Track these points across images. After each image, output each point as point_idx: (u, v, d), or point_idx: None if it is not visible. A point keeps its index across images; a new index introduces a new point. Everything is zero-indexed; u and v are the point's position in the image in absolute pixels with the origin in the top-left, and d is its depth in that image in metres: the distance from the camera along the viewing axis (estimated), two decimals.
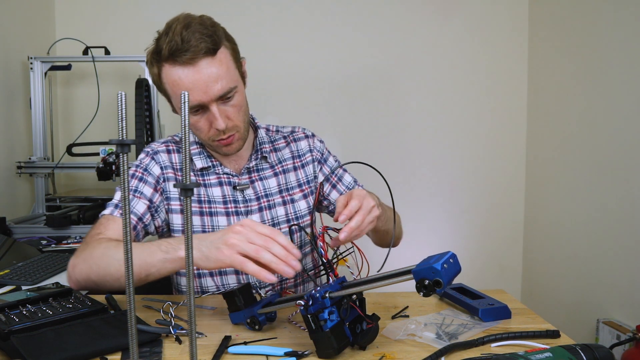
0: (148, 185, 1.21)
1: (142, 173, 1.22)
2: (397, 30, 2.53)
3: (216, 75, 1.08)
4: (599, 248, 2.00)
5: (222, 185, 1.24)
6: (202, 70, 1.07)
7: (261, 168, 1.28)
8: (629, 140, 1.84)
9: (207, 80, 1.07)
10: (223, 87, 1.09)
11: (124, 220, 0.56)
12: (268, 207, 1.25)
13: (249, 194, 1.25)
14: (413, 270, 0.75)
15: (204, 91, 1.07)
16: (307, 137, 1.36)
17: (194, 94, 1.07)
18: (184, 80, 1.07)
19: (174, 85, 1.09)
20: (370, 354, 0.85)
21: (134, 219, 1.17)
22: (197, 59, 1.06)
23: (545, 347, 0.78)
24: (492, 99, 2.58)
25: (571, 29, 2.21)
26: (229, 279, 1.23)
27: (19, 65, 2.14)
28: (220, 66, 1.09)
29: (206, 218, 1.21)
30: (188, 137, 0.56)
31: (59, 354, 0.79)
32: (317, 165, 1.34)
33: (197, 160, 1.24)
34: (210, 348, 0.87)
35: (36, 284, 1.25)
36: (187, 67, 1.07)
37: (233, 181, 1.24)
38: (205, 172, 1.24)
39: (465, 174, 2.61)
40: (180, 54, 1.05)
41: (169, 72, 1.09)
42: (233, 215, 1.22)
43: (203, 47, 1.06)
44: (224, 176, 1.24)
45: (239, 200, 1.24)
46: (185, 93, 0.57)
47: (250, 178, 1.26)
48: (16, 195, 2.10)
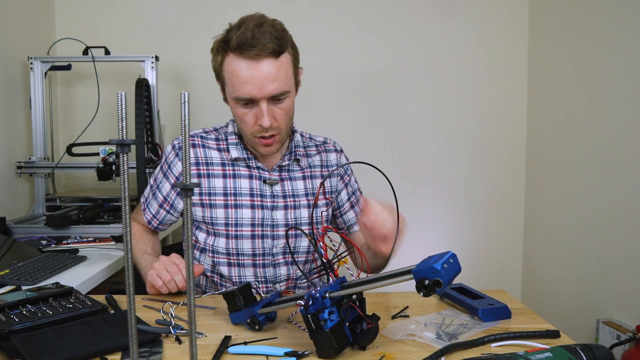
0: (168, 182, 1.30)
1: (166, 168, 1.31)
2: (396, 30, 2.53)
3: (274, 75, 1.12)
4: (599, 248, 2.00)
5: (252, 179, 1.27)
6: (262, 67, 1.11)
7: (292, 169, 1.31)
8: (629, 140, 1.84)
9: (265, 78, 1.11)
10: (278, 88, 1.13)
11: (124, 220, 0.56)
12: (293, 207, 1.29)
13: (277, 190, 1.28)
14: (413, 270, 0.75)
15: (259, 87, 1.12)
16: (336, 151, 1.40)
17: (249, 87, 1.12)
18: (243, 73, 1.12)
19: (233, 75, 1.13)
20: (370, 354, 0.85)
21: (149, 216, 1.34)
22: (262, 56, 1.11)
23: (545, 347, 0.78)
24: (492, 99, 2.58)
25: (571, 29, 2.21)
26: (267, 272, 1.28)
27: (19, 65, 2.14)
28: (280, 69, 1.13)
29: (230, 210, 1.25)
30: (188, 137, 0.56)
31: (59, 354, 0.79)
32: (339, 181, 1.39)
33: (234, 150, 1.27)
34: (210, 348, 0.87)
35: (36, 284, 1.25)
36: (250, 61, 1.11)
37: (264, 175, 1.28)
38: (237, 162, 1.28)
39: (465, 174, 2.61)
40: (248, 48, 1.10)
41: (231, 62, 1.13)
42: (258, 209, 1.26)
43: (270, 47, 1.10)
44: (255, 170, 1.28)
45: (267, 194, 1.27)
46: (185, 93, 0.58)
47: (281, 176, 1.29)
48: (16, 195, 2.10)
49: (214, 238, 1.27)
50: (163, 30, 2.41)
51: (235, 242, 1.25)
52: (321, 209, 1.33)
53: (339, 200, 1.39)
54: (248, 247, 1.26)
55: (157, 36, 2.41)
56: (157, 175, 1.33)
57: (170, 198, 1.31)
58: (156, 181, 1.33)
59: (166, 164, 1.31)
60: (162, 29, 2.41)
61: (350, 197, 1.40)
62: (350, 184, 1.41)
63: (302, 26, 2.50)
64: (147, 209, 1.34)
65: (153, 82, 2.07)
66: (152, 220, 1.34)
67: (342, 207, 1.40)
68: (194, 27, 2.42)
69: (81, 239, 1.74)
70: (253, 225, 1.25)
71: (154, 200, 1.33)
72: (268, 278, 1.28)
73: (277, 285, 1.29)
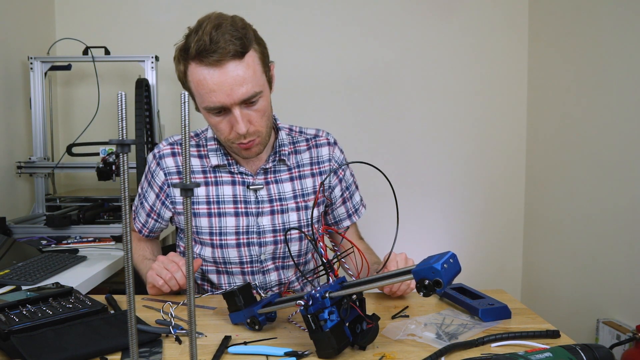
0: (152, 192, 1.27)
1: (150, 177, 1.27)
2: (396, 30, 2.53)
3: (242, 78, 1.06)
4: (598, 248, 2.00)
5: (235, 185, 1.22)
6: (228, 72, 1.05)
7: (278, 170, 1.26)
8: (629, 140, 1.84)
9: (232, 83, 1.05)
10: (248, 91, 1.07)
11: (124, 220, 0.56)
12: (280, 212, 1.24)
13: (262, 195, 1.23)
14: (413, 270, 0.75)
15: (227, 94, 1.06)
16: (329, 145, 1.33)
17: (218, 95, 1.06)
18: (208, 81, 1.06)
19: (198, 85, 1.08)
20: (370, 354, 0.85)
21: (139, 225, 1.32)
22: (224, 61, 1.04)
23: (545, 347, 0.78)
24: (492, 98, 2.58)
25: (571, 29, 2.21)
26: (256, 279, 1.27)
27: (19, 65, 2.14)
28: (247, 70, 1.06)
29: (214, 219, 1.21)
30: (188, 138, 0.56)
31: (59, 354, 0.79)
32: (332, 176, 1.33)
33: (213, 157, 1.22)
34: (210, 348, 0.87)
35: (36, 284, 1.25)
36: (213, 68, 1.05)
37: (247, 180, 1.23)
38: (219, 169, 1.23)
39: (465, 174, 2.61)
40: (208, 54, 1.03)
41: (194, 71, 1.07)
42: (243, 216, 1.21)
43: (231, 49, 1.04)
44: (238, 176, 1.23)
45: (251, 200, 1.22)
46: (184, 93, 0.57)
47: (266, 179, 1.24)
48: (16, 195, 2.10)
49: (201, 247, 1.24)
50: (163, 30, 2.41)
51: (221, 251, 1.22)
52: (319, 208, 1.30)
53: (332, 197, 1.34)
54: (234, 255, 1.22)
55: (157, 36, 2.41)
56: (143, 183, 1.30)
57: (156, 207, 1.27)
58: (143, 190, 1.30)
59: (149, 174, 1.27)
60: (162, 29, 2.41)
61: (343, 193, 1.34)
62: (345, 179, 1.35)
63: (302, 26, 2.51)
64: (137, 218, 1.32)
65: (153, 82, 2.07)
66: (143, 229, 1.32)
67: (335, 203, 1.34)
68: None
69: (81, 239, 1.75)
70: (237, 233, 1.21)
71: (142, 210, 1.30)
72: (258, 285, 1.25)
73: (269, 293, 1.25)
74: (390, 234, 0.99)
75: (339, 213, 1.36)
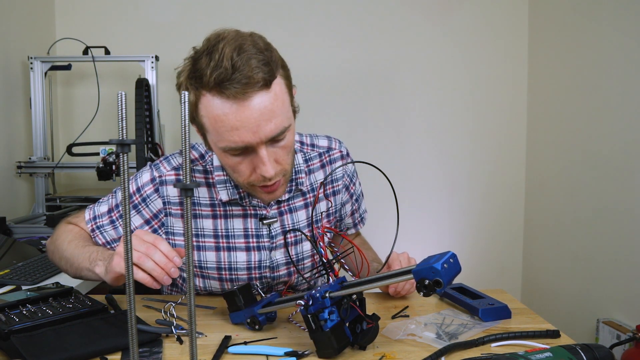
0: (140, 217, 1.08)
1: (138, 201, 1.08)
2: (396, 30, 2.53)
3: (270, 112, 0.88)
4: (598, 248, 2.00)
5: (247, 218, 1.09)
6: (253, 106, 0.87)
7: (292, 197, 1.13)
8: (629, 140, 1.84)
9: (259, 119, 0.87)
10: (277, 127, 0.90)
11: (124, 220, 0.56)
12: (294, 243, 1.14)
13: (276, 228, 1.11)
14: (413, 270, 0.75)
15: (253, 131, 0.88)
16: (342, 159, 1.22)
17: (242, 133, 0.88)
18: (230, 118, 0.87)
19: (217, 121, 0.89)
20: (370, 354, 0.85)
21: (101, 241, 1.09)
22: (251, 92, 0.86)
23: (545, 347, 0.78)
24: (492, 98, 2.58)
25: (571, 29, 2.21)
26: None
27: (19, 65, 2.14)
28: (275, 101, 0.89)
29: (223, 254, 1.09)
30: (188, 137, 0.56)
31: (59, 354, 0.79)
32: (344, 193, 1.23)
33: (223, 191, 1.06)
34: (210, 348, 0.87)
35: (36, 284, 1.25)
36: (236, 101, 0.86)
37: (260, 213, 1.09)
38: (229, 203, 1.08)
39: (465, 174, 2.61)
40: (231, 85, 0.85)
41: (210, 104, 0.89)
42: (255, 251, 1.10)
43: (259, 77, 0.86)
44: (251, 208, 1.09)
45: (264, 234, 1.10)
46: (185, 93, 0.56)
47: (279, 209, 1.11)
48: (16, 195, 2.10)
49: (206, 280, 1.13)
50: (163, 30, 2.41)
51: (231, 284, 1.12)
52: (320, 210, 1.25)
53: (342, 213, 1.25)
54: None
55: (157, 36, 2.41)
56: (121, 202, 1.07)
57: None
58: (119, 210, 1.09)
59: (139, 197, 1.07)
60: (162, 29, 2.41)
61: (352, 206, 1.27)
62: (355, 192, 1.27)
63: (302, 26, 2.51)
64: (101, 234, 1.09)
65: (153, 82, 2.07)
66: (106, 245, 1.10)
67: (344, 217, 1.27)
68: (194, 27, 2.41)
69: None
70: (249, 268, 1.10)
71: (113, 230, 1.09)
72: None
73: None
74: (391, 234, 0.99)
75: (346, 223, 1.30)
